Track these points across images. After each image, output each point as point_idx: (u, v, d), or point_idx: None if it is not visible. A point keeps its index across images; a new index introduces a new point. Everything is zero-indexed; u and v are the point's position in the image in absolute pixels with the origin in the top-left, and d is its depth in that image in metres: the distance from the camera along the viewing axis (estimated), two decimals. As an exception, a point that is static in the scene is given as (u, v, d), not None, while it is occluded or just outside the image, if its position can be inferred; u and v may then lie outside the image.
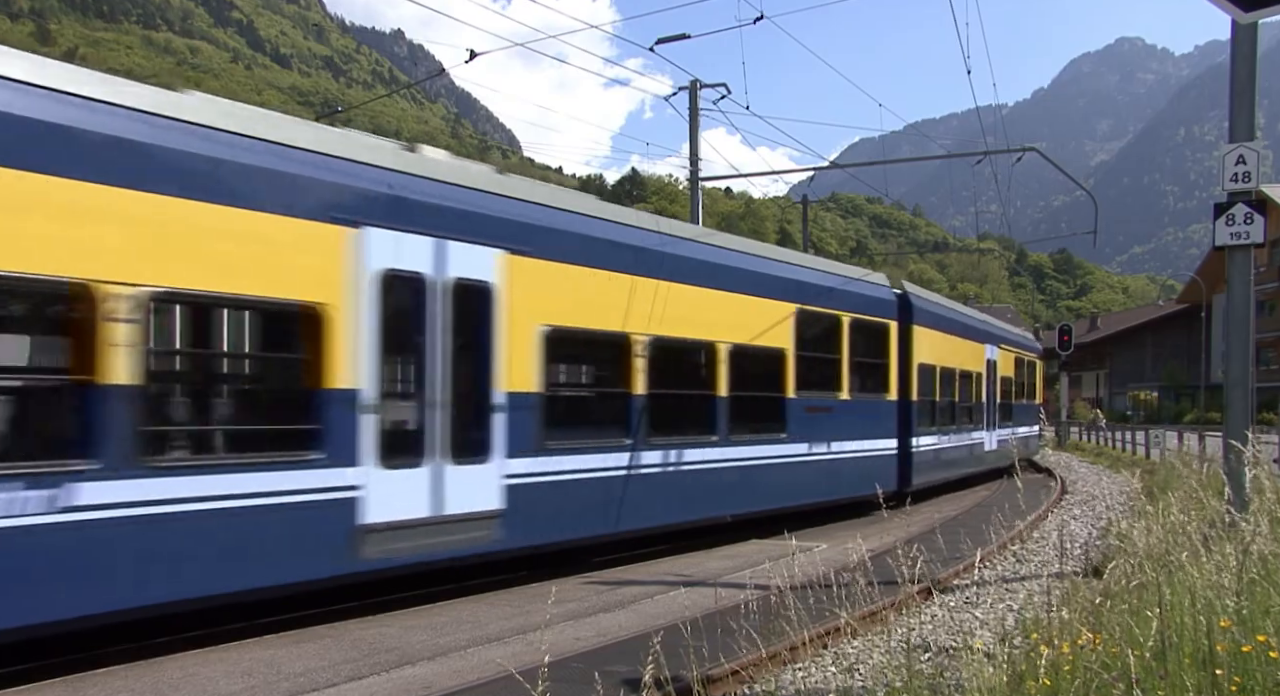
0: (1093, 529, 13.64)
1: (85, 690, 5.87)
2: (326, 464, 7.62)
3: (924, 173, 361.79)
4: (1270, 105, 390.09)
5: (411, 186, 8.50)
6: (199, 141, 6.98)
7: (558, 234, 10.07)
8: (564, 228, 10.22)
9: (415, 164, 8.83)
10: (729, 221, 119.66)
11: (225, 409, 7.96)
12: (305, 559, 7.53)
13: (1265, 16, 7.40)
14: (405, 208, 8.40)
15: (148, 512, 6.48)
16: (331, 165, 7.87)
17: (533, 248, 9.63)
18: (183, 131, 6.91)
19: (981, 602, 8.63)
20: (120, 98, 6.67)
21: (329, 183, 7.79)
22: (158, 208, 6.64)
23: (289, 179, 7.48)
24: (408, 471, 8.32)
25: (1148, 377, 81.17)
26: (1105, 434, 38.79)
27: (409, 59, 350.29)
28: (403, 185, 8.41)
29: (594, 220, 10.82)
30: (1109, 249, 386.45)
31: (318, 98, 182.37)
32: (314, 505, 7.52)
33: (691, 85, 22.29)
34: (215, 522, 6.81)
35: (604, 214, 11.11)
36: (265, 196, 7.28)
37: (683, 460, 11.74)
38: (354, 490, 7.83)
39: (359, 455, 7.86)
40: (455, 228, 8.84)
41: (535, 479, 9.50)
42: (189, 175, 6.86)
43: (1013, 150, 24.85)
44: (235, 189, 7.09)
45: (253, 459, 7.18)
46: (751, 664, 5.86)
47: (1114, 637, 4.41)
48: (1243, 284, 8.90)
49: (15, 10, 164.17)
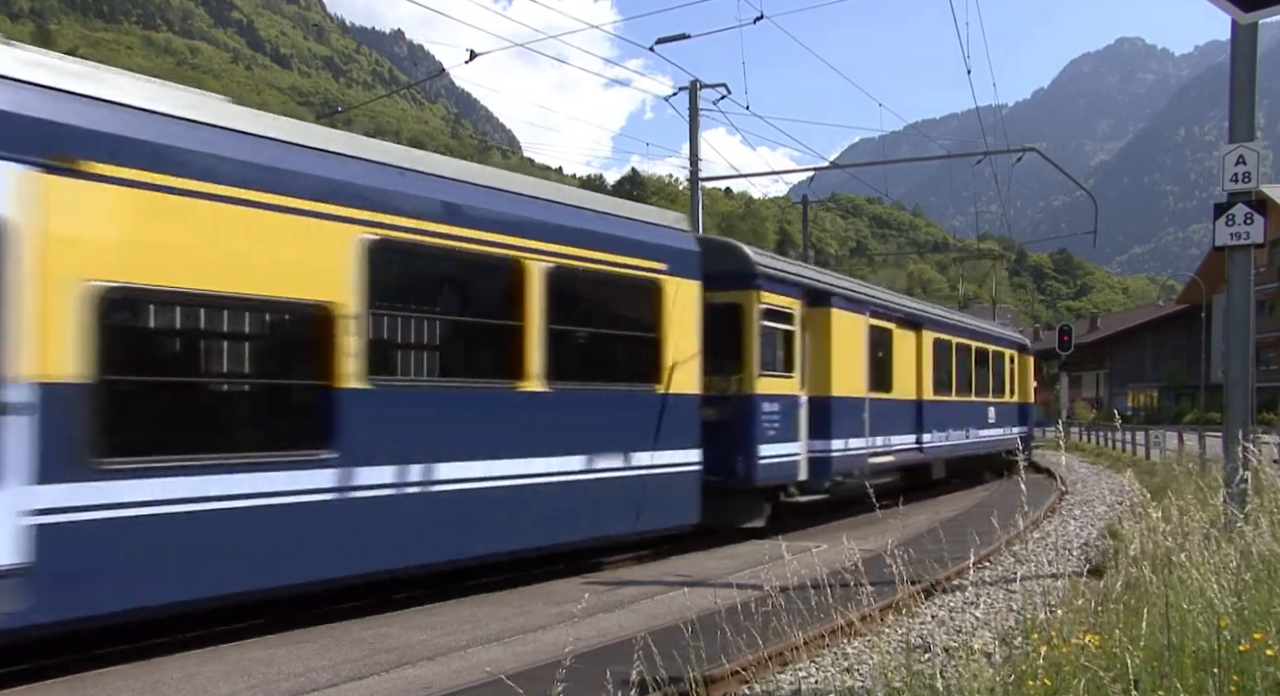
0: (1093, 529, 13.64)
1: (85, 690, 5.87)
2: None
3: (924, 173, 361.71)
4: (1270, 105, 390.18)
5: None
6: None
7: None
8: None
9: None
10: (729, 222, 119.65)
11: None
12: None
13: (1265, 16, 7.41)
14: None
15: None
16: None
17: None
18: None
19: (981, 602, 8.63)
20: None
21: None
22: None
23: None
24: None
25: (1148, 377, 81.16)
26: (1109, 435, 38.82)
27: (409, 59, 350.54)
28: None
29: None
30: (1109, 249, 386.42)
31: (318, 98, 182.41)
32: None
33: (691, 85, 22.31)
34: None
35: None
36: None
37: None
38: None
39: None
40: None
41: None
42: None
43: (1013, 150, 24.88)
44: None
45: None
46: (751, 664, 5.86)
47: (1114, 638, 4.41)
48: (1243, 284, 8.90)
49: (15, 10, 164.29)
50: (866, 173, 59.59)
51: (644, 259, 10.95)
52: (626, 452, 10.54)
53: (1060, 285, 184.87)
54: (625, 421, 10.67)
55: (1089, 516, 15.56)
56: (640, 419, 10.82)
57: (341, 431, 7.69)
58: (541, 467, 9.48)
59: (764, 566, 5.99)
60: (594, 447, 10.11)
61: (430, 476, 8.40)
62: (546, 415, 9.58)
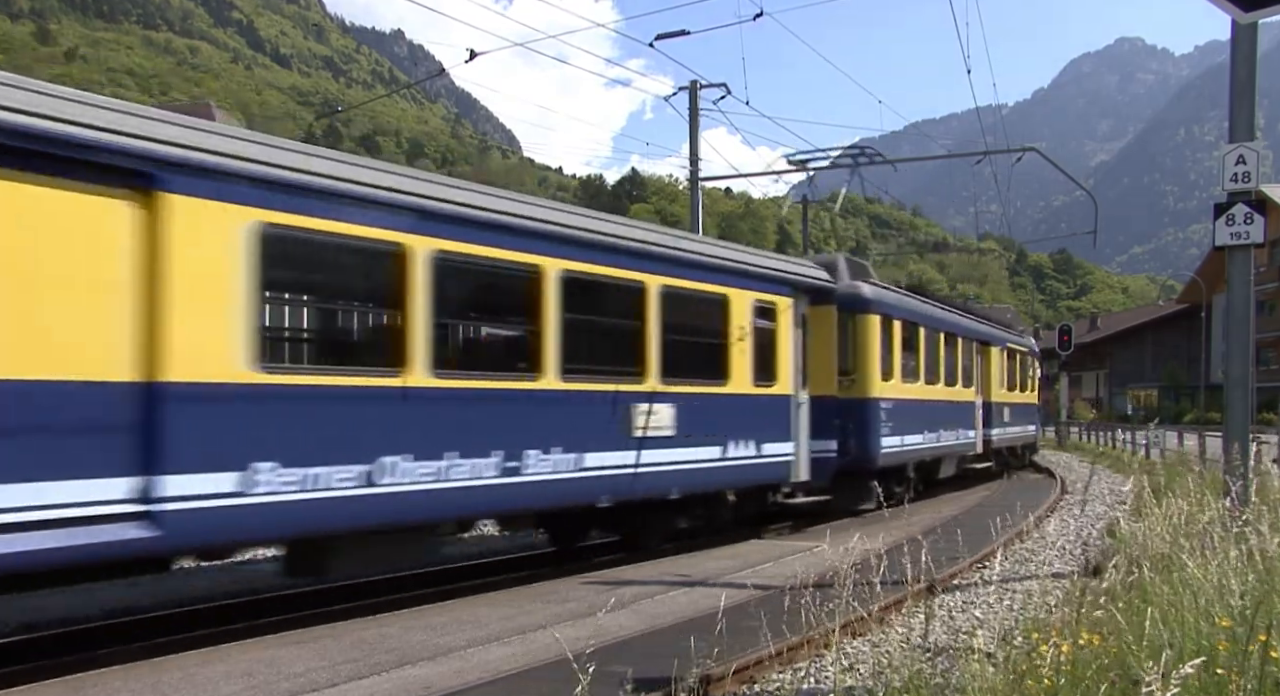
0: (1093, 529, 13.64)
1: (85, 690, 5.87)
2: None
3: (924, 173, 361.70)
4: (1270, 105, 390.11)
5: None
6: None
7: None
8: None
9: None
10: (729, 221, 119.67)
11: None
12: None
13: (1265, 16, 7.42)
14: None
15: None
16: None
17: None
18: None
19: (981, 602, 8.63)
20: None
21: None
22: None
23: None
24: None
25: (1148, 378, 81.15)
26: (1109, 434, 38.80)
27: (409, 59, 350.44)
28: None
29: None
30: (1109, 249, 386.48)
31: (318, 98, 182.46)
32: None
33: (692, 85, 22.30)
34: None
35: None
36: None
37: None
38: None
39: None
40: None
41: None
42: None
43: (1013, 150, 24.88)
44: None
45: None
46: (751, 664, 5.86)
47: (1114, 638, 4.41)
48: (1243, 284, 8.90)
49: (15, 10, 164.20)
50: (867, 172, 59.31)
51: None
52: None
53: (1060, 285, 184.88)
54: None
55: (1089, 516, 15.56)
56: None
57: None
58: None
59: (765, 566, 5.99)
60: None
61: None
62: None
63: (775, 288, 13.32)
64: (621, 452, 10.49)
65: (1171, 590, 4.95)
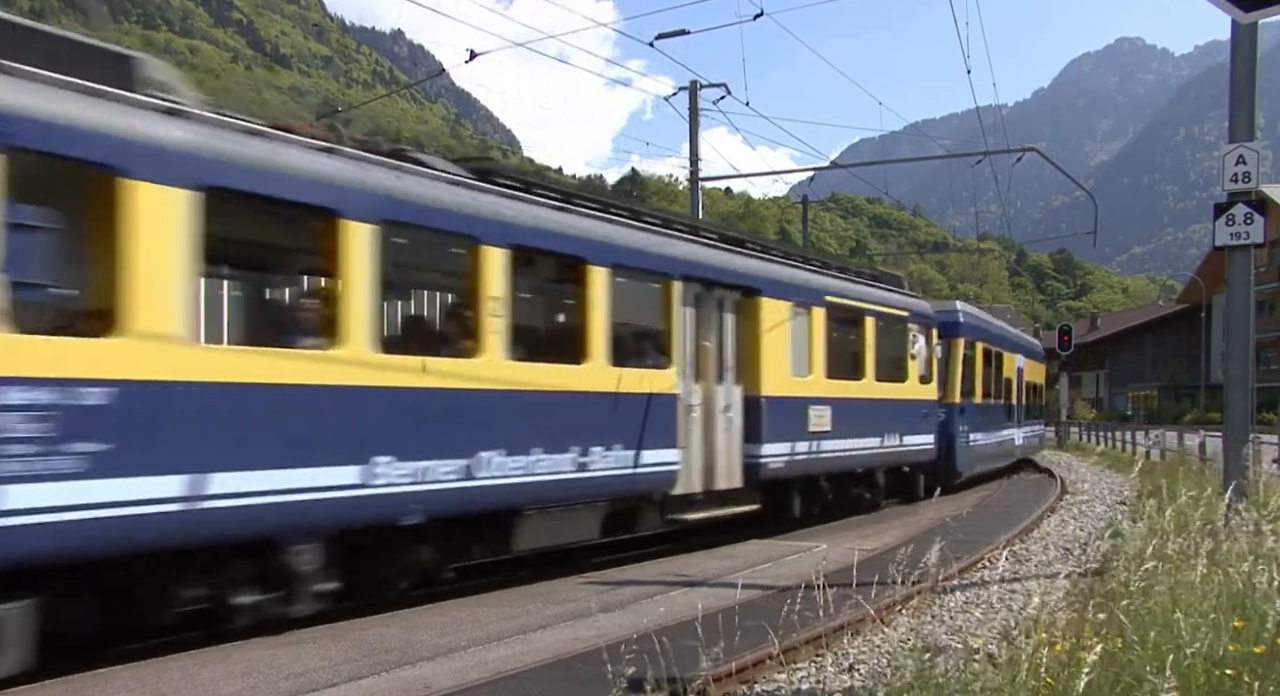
0: (1093, 529, 13.64)
1: (85, 690, 5.87)
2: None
3: (924, 173, 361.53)
4: (1270, 105, 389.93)
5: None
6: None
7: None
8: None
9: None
10: (729, 222, 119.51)
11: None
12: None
13: (1265, 16, 7.42)
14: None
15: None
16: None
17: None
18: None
19: (981, 602, 8.63)
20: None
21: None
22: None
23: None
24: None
25: (1148, 378, 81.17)
26: (1109, 434, 38.79)
27: (409, 59, 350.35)
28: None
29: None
30: (1109, 249, 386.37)
31: (318, 98, 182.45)
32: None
33: (691, 85, 22.30)
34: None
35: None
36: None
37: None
38: None
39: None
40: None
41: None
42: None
43: (1013, 150, 24.89)
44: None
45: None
46: (751, 664, 5.86)
47: (1115, 637, 4.41)
48: (1243, 284, 8.90)
49: (15, 11, 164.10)
50: (866, 172, 59.40)
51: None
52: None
53: (1060, 285, 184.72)
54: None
55: (1089, 516, 15.55)
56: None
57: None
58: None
59: (765, 566, 5.99)
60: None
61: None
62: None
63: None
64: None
65: (1172, 590, 4.94)
